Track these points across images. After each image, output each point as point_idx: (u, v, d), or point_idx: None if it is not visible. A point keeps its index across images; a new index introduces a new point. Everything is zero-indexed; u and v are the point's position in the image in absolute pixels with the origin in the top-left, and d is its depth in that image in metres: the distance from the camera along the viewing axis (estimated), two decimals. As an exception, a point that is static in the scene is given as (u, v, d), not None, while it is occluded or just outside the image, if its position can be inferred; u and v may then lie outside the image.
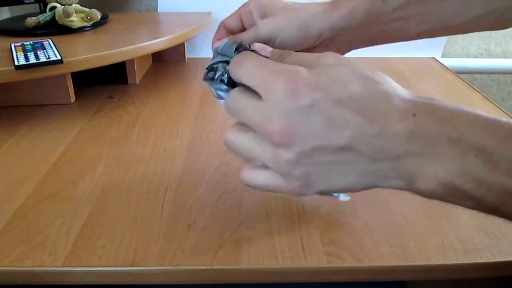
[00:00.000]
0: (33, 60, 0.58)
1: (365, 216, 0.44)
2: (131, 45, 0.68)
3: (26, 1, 0.81)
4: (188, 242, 0.40)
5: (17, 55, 0.60)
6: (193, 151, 0.57)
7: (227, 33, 0.46)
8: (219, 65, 0.39)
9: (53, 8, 0.77)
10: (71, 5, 0.77)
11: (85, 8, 0.78)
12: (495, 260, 0.39)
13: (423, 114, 0.25)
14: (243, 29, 0.45)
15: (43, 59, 0.59)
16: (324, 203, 0.46)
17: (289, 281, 0.39)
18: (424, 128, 0.25)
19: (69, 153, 0.56)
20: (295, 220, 0.44)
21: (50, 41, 0.67)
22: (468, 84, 0.82)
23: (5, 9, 0.93)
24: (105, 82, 0.80)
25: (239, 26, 0.45)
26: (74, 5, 0.77)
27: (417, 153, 0.25)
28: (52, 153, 0.56)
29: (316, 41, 0.42)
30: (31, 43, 0.66)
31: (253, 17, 0.43)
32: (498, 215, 0.26)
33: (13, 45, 0.65)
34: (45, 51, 0.62)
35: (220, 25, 0.46)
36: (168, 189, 0.48)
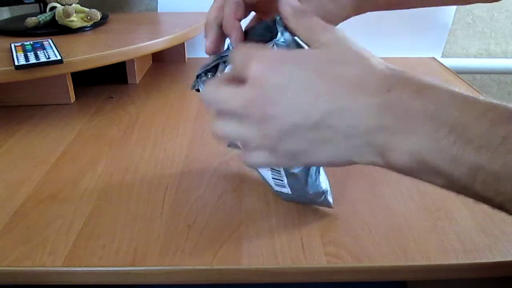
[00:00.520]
0: (33, 60, 0.58)
1: (365, 216, 0.44)
2: (131, 45, 0.68)
3: (26, 1, 0.81)
4: (188, 242, 0.40)
5: (17, 55, 0.60)
6: (193, 151, 0.57)
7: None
8: (219, 64, 0.39)
9: (53, 8, 0.77)
10: (71, 5, 0.77)
11: (85, 8, 0.78)
12: (495, 260, 0.39)
13: (398, 88, 0.26)
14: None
15: (43, 59, 0.59)
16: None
17: (289, 281, 0.39)
18: (398, 102, 0.25)
19: (69, 153, 0.56)
20: (295, 220, 0.44)
21: (50, 41, 0.67)
22: (468, 84, 0.82)
23: (5, 9, 0.93)
24: (105, 82, 0.80)
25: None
26: (74, 5, 0.77)
27: (390, 128, 0.26)
28: (52, 153, 0.56)
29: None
30: (31, 43, 0.66)
31: None
32: (468, 195, 0.26)
33: (13, 45, 0.65)
34: (45, 51, 0.62)
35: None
36: (168, 189, 0.48)
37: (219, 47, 0.39)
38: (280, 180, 0.42)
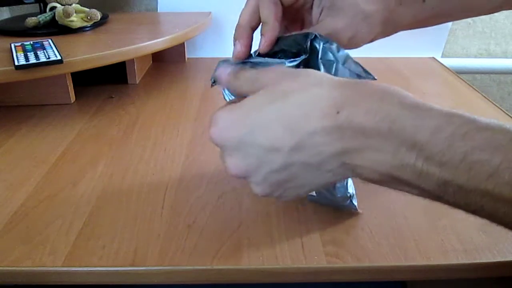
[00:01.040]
0: (33, 60, 0.58)
1: (365, 216, 0.44)
2: (131, 45, 0.68)
3: (26, 1, 0.81)
4: (188, 242, 0.40)
5: (17, 55, 0.60)
6: (193, 151, 0.57)
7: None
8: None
9: (53, 8, 0.77)
10: (71, 5, 0.77)
11: (85, 8, 0.78)
12: (495, 260, 0.39)
13: (347, 109, 0.25)
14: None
15: (43, 59, 0.59)
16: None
17: (289, 281, 0.39)
18: (350, 123, 0.25)
19: (69, 153, 0.56)
20: (295, 220, 0.44)
21: (50, 41, 0.67)
22: (468, 84, 0.82)
23: (5, 9, 0.93)
24: (105, 82, 0.80)
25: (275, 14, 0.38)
26: (74, 5, 0.77)
27: (352, 149, 0.26)
28: (52, 153, 0.56)
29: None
30: (31, 43, 0.66)
31: (312, 9, 0.39)
32: (443, 203, 0.26)
33: (13, 45, 0.65)
34: (45, 51, 0.62)
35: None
36: (168, 189, 0.48)
37: (249, 52, 0.38)
38: None
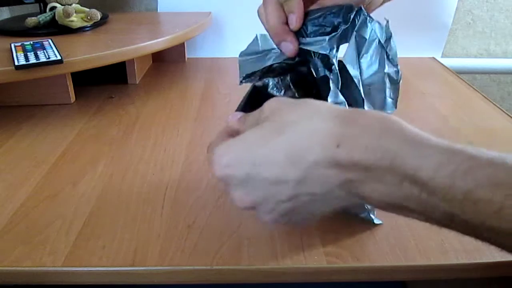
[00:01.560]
0: (33, 60, 0.58)
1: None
2: (131, 45, 0.68)
3: (26, 1, 0.81)
4: (188, 242, 0.40)
5: (17, 55, 0.60)
6: (193, 151, 0.57)
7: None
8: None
9: (53, 8, 0.77)
10: (71, 5, 0.77)
11: (85, 8, 0.78)
12: (495, 260, 0.39)
13: (347, 143, 0.25)
14: None
15: (43, 59, 0.59)
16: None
17: (289, 281, 0.39)
18: (351, 159, 0.25)
19: (69, 153, 0.56)
20: (295, 220, 0.44)
21: (50, 41, 0.67)
22: (468, 84, 0.82)
23: (5, 9, 0.93)
24: (105, 82, 0.80)
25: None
26: (74, 5, 0.77)
27: (356, 180, 0.26)
28: (52, 153, 0.56)
29: None
30: (31, 43, 0.66)
31: None
32: (453, 231, 0.26)
33: (13, 45, 0.65)
34: (45, 51, 0.62)
35: None
36: (168, 189, 0.48)
37: (298, 47, 0.38)
38: None
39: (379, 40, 0.37)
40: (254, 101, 0.37)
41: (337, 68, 0.37)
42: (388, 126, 0.25)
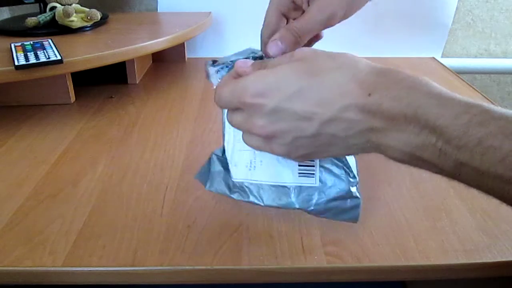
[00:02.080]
0: (33, 60, 0.58)
1: (365, 216, 0.44)
2: (131, 45, 0.68)
3: (26, 1, 0.81)
4: (188, 242, 0.40)
5: (17, 55, 0.60)
6: (193, 151, 0.57)
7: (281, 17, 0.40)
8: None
9: (53, 8, 0.77)
10: (71, 5, 0.77)
11: (85, 8, 0.78)
12: (495, 260, 0.39)
13: (378, 92, 0.27)
14: (282, 24, 0.41)
15: (43, 59, 0.59)
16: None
17: (289, 281, 0.39)
18: (379, 106, 0.27)
19: (69, 153, 0.56)
20: (295, 220, 0.44)
21: (50, 41, 0.67)
22: (468, 84, 0.82)
23: (5, 9, 0.93)
24: (105, 82, 0.80)
25: (280, 22, 0.40)
26: (74, 5, 0.77)
27: (379, 128, 0.28)
28: (52, 153, 0.56)
29: None
30: (31, 43, 0.66)
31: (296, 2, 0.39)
32: (459, 181, 0.28)
33: (13, 45, 0.65)
34: (45, 51, 0.62)
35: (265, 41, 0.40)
36: (168, 189, 0.48)
37: None
38: (310, 168, 0.41)
39: None
40: None
41: None
42: (415, 81, 0.28)
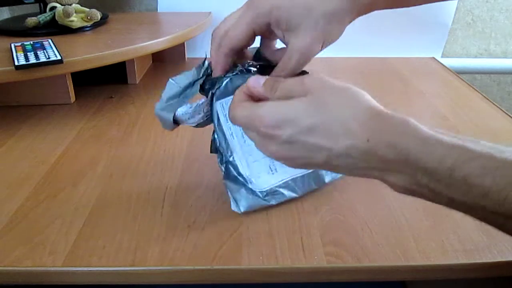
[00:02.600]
0: (33, 60, 0.58)
1: (365, 216, 0.44)
2: (131, 45, 0.68)
3: (26, 1, 0.81)
4: (188, 242, 0.40)
5: (17, 55, 0.60)
6: (193, 151, 0.57)
7: (232, 53, 0.41)
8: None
9: (53, 8, 0.77)
10: (71, 5, 0.76)
11: (85, 8, 0.78)
12: (495, 260, 0.39)
13: (375, 139, 0.30)
14: (250, 42, 0.41)
15: (43, 59, 0.59)
16: (324, 203, 0.46)
17: (289, 281, 0.39)
18: (377, 152, 0.30)
19: (69, 153, 0.56)
20: (295, 220, 0.44)
21: (50, 41, 0.67)
22: (468, 84, 0.82)
23: (5, 9, 0.93)
24: (105, 82, 0.80)
25: (249, 40, 0.40)
26: (74, 5, 0.77)
27: (379, 168, 0.31)
28: (52, 153, 0.56)
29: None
30: (31, 43, 0.66)
31: (273, 29, 0.39)
32: (455, 210, 0.31)
33: (13, 45, 0.65)
34: (45, 51, 0.62)
35: (224, 49, 0.40)
36: (168, 189, 0.48)
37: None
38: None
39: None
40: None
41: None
42: (404, 125, 0.30)
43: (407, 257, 0.39)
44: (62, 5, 0.77)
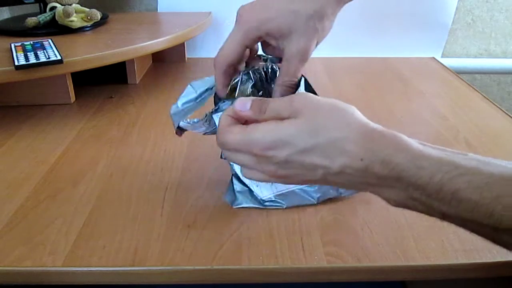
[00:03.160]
0: (33, 60, 0.58)
1: (365, 216, 0.44)
2: (131, 45, 0.68)
3: (26, 1, 0.81)
4: (188, 242, 0.40)
5: (17, 55, 0.60)
6: (193, 151, 0.57)
7: (230, 69, 0.42)
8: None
9: (53, 8, 0.77)
10: (71, 5, 0.77)
11: (85, 8, 0.78)
12: (495, 260, 0.39)
13: (368, 158, 0.31)
14: (244, 56, 0.42)
15: (43, 59, 0.59)
16: (324, 204, 0.46)
17: (289, 281, 0.39)
18: (371, 170, 0.31)
19: (69, 153, 0.56)
20: (295, 220, 0.44)
21: (50, 41, 0.67)
22: (468, 84, 0.82)
23: (5, 9, 0.93)
24: (105, 82, 0.80)
25: (242, 54, 0.42)
26: (74, 5, 0.77)
27: (372, 184, 0.32)
28: (52, 153, 0.56)
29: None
30: (31, 43, 0.66)
31: (265, 40, 0.41)
32: (446, 221, 0.32)
33: (13, 45, 0.65)
34: (45, 51, 0.62)
35: (220, 66, 0.42)
36: (168, 189, 0.48)
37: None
38: None
39: None
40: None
41: None
42: (396, 144, 0.31)
43: (407, 257, 0.39)
44: (62, 5, 0.77)
